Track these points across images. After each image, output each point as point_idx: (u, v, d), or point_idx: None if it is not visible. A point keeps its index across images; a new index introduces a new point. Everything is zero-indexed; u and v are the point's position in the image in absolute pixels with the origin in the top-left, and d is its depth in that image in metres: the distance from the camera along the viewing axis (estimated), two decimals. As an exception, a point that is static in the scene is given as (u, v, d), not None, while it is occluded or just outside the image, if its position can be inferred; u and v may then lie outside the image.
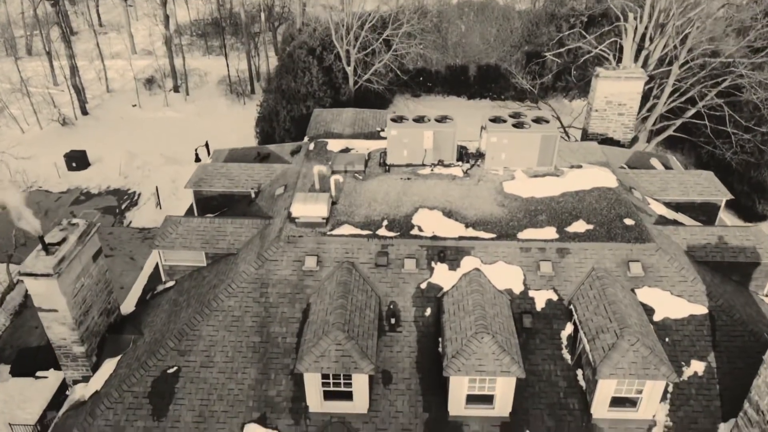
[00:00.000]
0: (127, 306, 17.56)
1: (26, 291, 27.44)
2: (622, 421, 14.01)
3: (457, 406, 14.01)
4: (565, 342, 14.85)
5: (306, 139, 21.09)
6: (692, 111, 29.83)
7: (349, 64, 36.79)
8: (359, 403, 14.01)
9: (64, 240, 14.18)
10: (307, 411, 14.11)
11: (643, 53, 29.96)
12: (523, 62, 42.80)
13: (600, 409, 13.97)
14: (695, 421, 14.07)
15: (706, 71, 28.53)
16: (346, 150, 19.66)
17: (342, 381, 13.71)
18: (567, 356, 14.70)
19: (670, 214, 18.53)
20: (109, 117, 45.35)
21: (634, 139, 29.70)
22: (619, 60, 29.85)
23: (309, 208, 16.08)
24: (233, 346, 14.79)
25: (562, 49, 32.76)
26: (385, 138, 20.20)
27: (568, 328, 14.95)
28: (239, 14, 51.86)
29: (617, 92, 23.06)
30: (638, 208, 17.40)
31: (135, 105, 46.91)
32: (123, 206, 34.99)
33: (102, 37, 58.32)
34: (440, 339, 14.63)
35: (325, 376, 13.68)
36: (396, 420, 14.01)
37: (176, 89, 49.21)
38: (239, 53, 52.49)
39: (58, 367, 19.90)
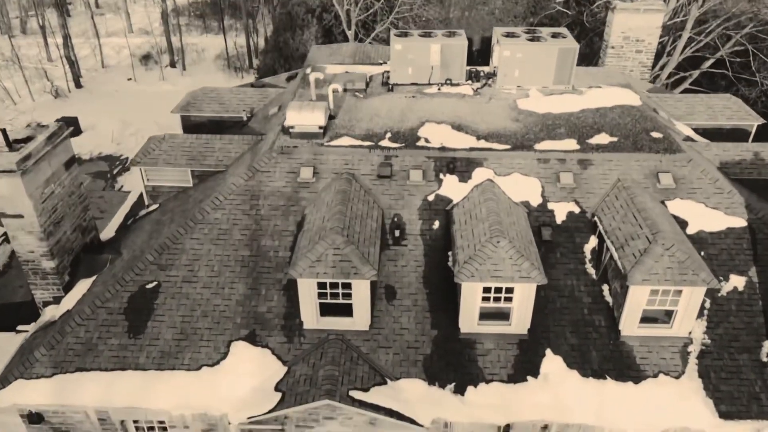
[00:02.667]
0: (107, 233, 16.08)
1: (12, 251, 26.01)
2: (655, 339, 12.46)
3: (469, 322, 12.48)
4: (588, 256, 13.34)
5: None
6: (713, 59, 28.35)
7: (349, 28, 35.39)
8: (360, 319, 12.49)
9: (30, 138, 12.74)
10: (302, 328, 12.59)
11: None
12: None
13: (629, 325, 12.43)
14: (736, 338, 12.53)
15: (729, 13, 27.05)
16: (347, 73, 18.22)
17: (340, 291, 12.20)
18: (591, 271, 13.19)
19: (698, 139, 17.03)
20: (103, 90, 43.93)
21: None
22: None
23: (305, 116, 14.61)
24: (220, 260, 13.30)
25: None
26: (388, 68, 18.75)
27: (592, 242, 13.45)
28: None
29: (635, 26, 21.51)
30: (665, 126, 15.92)
31: (130, 79, 45.56)
32: (115, 171, 33.58)
33: (99, 18, 57.08)
34: (450, 253, 13.13)
35: (321, 286, 12.17)
36: (401, 337, 12.49)
37: (173, 64, 47.89)
38: (237, 32, 51.13)
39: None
